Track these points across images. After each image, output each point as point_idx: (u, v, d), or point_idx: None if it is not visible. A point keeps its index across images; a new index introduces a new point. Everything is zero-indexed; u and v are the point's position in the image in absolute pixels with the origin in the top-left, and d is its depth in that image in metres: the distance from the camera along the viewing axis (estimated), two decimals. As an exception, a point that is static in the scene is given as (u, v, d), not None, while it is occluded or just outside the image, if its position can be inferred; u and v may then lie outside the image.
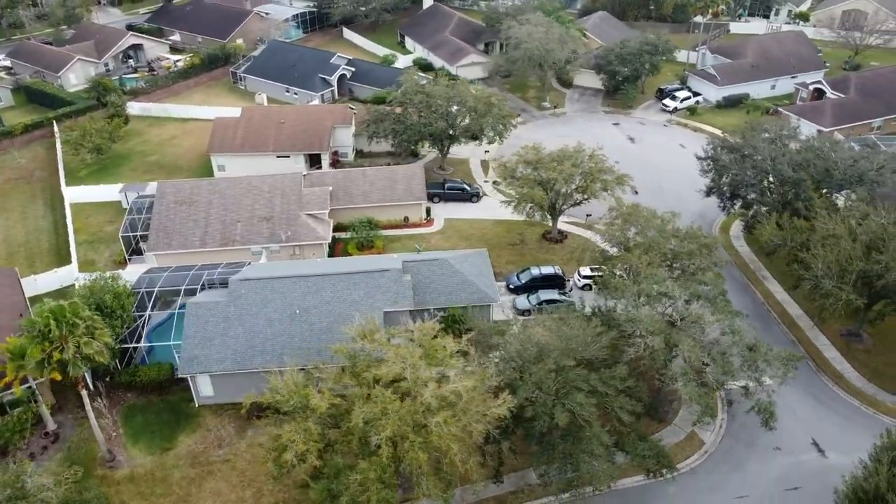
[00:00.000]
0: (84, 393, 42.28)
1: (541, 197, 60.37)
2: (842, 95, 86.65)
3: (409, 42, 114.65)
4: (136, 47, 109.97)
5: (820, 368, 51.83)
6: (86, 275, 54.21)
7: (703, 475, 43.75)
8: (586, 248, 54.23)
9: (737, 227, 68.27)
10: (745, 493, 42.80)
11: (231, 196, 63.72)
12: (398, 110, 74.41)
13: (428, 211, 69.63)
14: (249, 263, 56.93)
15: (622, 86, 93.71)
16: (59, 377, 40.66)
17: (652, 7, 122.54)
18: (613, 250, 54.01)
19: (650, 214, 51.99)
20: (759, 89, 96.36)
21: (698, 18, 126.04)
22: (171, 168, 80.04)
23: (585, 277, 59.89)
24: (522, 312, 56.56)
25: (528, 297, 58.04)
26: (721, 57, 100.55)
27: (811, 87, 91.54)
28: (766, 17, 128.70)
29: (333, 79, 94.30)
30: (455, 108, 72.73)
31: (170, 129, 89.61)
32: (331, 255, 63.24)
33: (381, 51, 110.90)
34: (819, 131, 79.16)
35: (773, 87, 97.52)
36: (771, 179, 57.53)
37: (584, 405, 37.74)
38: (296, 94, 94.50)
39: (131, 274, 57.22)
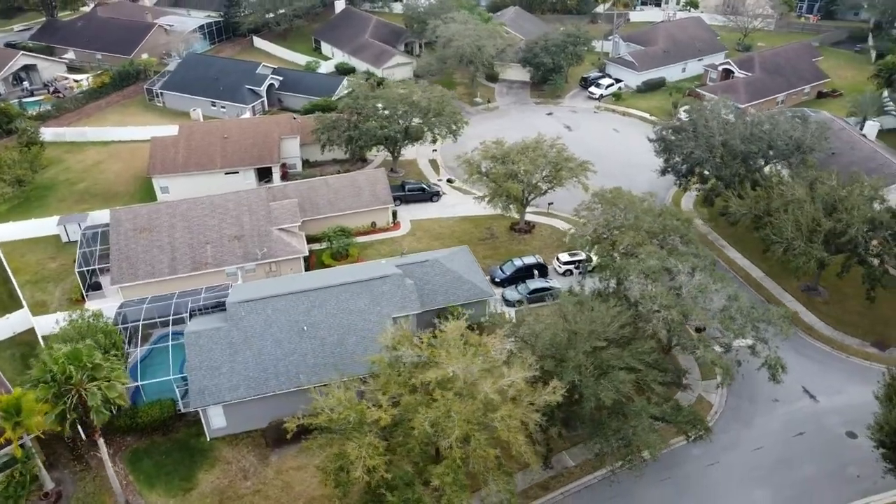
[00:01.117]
0: (101, 441, 39.14)
1: (517, 190, 61.66)
2: (749, 74, 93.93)
3: (325, 47, 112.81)
4: (29, 68, 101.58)
5: (793, 322, 56.36)
6: (63, 315, 49.97)
7: (720, 434, 46.54)
8: (577, 236, 55.78)
9: (686, 200, 72.76)
10: (760, 445, 46.06)
11: (195, 218, 60.63)
12: (352, 116, 73.18)
13: (394, 214, 69.27)
14: (231, 286, 54.58)
15: (550, 76, 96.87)
16: (62, 429, 37.51)
17: (556, 2, 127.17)
18: (591, 234, 55.78)
19: (631, 196, 54.49)
20: (671, 73, 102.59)
21: (599, 9, 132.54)
22: (106, 195, 74.86)
23: (566, 264, 61.88)
24: (512, 304, 57.67)
25: (516, 288, 59.23)
26: (633, 44, 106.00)
27: (720, 68, 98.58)
28: (658, 4, 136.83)
29: (262, 89, 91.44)
30: (403, 110, 72.59)
31: (91, 154, 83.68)
32: (306, 268, 61.62)
33: (298, 58, 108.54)
34: (736, 107, 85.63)
35: (683, 70, 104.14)
36: (723, 153, 61.64)
37: (625, 382, 39.36)
38: (223, 107, 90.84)
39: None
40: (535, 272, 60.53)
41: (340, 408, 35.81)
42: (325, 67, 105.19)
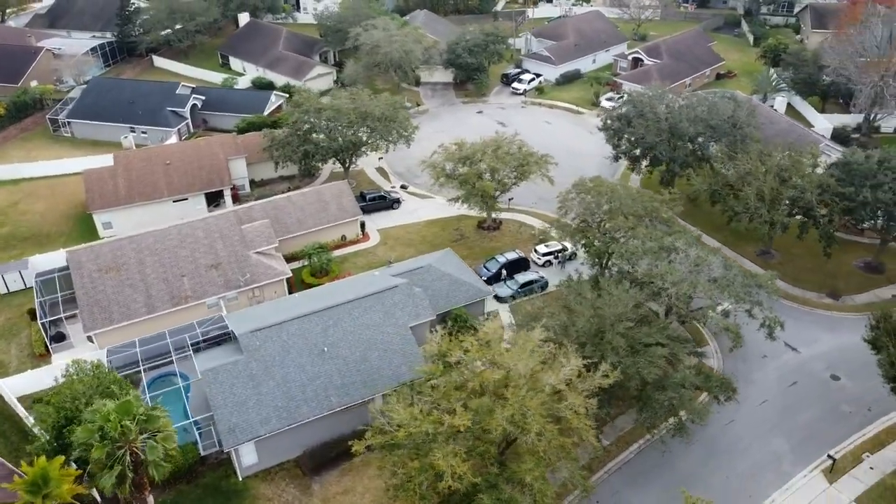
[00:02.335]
0: (150, 498, 36.34)
1: (490, 188, 62.89)
2: (658, 61, 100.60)
3: (235, 62, 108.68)
4: None
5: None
6: (61, 366, 45.52)
7: (728, 394, 50.20)
8: (561, 225, 57.61)
9: (633, 180, 77.15)
10: (765, 399, 50.15)
11: (164, 250, 57.08)
12: (299, 130, 71.36)
13: (362, 226, 68.48)
14: (221, 316, 52.06)
15: (475, 76, 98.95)
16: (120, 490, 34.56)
17: (458, 3, 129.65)
18: (575, 223, 58.05)
19: (611, 183, 57.23)
20: (584, 64, 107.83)
21: (498, 6, 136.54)
22: (38, 238, 68.55)
23: (545, 255, 63.90)
24: (504, 300, 58.93)
25: (505, 283, 60.49)
26: (544, 40, 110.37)
27: (630, 57, 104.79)
28: (550, 1, 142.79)
29: (186, 110, 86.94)
30: (349, 120, 71.65)
31: (2, 196, 76.11)
32: (287, 290, 59.71)
33: (207, 75, 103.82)
34: (627, 91, 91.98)
35: (594, 62, 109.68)
36: (671, 136, 66.01)
37: (661, 357, 41.69)
38: (144, 132, 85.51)
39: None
40: (519, 266, 62.09)
41: (417, 421, 35.39)
42: (241, 83, 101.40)
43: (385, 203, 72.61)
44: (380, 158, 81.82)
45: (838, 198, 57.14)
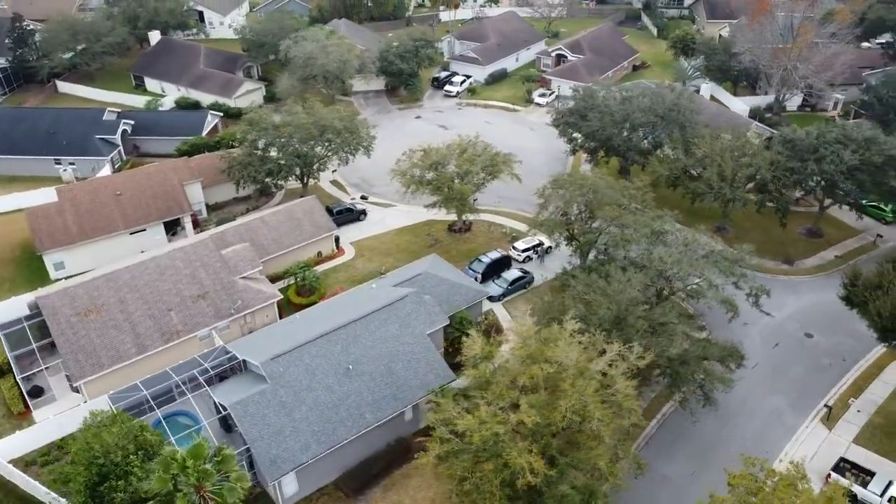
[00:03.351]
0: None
1: (468, 191, 63.86)
2: (581, 56, 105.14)
3: (151, 83, 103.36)
4: None
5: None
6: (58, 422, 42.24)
7: (724, 362, 53.87)
8: (543, 220, 59.29)
9: (585, 164, 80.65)
10: (756, 363, 54.19)
11: (144, 286, 53.93)
12: (254, 149, 69.25)
13: (337, 240, 67.54)
14: (225, 347, 50.05)
15: (409, 81, 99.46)
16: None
17: (372, 6, 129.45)
18: (558, 217, 60.08)
19: (591, 176, 59.64)
20: (509, 63, 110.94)
21: (410, 12, 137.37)
22: (-21, 286, 62.80)
23: (524, 251, 65.62)
24: (497, 298, 60.14)
25: (494, 282, 61.66)
26: (467, 42, 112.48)
27: (554, 54, 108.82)
28: (457, 6, 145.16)
29: (117, 137, 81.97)
30: (302, 135, 70.31)
31: (-78, 246, 68.92)
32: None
33: (123, 99, 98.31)
34: (572, 86, 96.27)
35: (517, 60, 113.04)
36: (628, 127, 69.71)
37: (679, 335, 44.34)
38: (72, 163, 79.95)
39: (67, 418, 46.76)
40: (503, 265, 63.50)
41: (486, 424, 35.84)
42: (167, 104, 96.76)
43: (353, 216, 71.92)
44: (333, 171, 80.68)
45: (787, 172, 62.51)
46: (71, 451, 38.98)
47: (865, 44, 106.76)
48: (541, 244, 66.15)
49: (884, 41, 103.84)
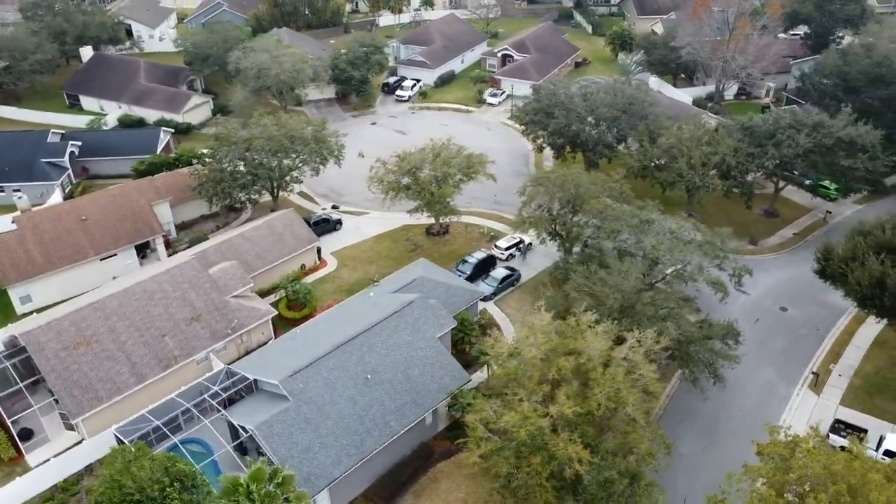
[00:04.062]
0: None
1: (450, 192, 64.43)
2: (527, 55, 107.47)
3: (88, 101, 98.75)
4: None
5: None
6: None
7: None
8: (528, 217, 60.48)
9: (546, 160, 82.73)
10: (743, 338, 56.98)
11: (134, 312, 51.74)
12: (225, 164, 67.50)
13: (319, 252, 66.72)
14: (227, 368, 48.78)
15: (361, 88, 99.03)
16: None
17: (310, 14, 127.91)
18: (543, 214, 61.55)
19: (573, 172, 61.22)
20: (455, 65, 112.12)
21: (350, 14, 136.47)
22: (-63, 329, 58.38)
23: (507, 249, 66.76)
24: (489, 298, 60.97)
25: (484, 282, 62.44)
26: (412, 46, 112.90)
27: (499, 54, 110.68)
28: (392, 10, 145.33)
29: (65, 159, 77.93)
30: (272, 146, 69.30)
31: None
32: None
33: (56, 119, 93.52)
34: (533, 85, 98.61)
35: (462, 62, 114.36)
36: (594, 122, 72.06)
37: (683, 318, 46.47)
38: (17, 191, 75.29)
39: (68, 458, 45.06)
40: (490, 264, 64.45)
41: (529, 419, 36.55)
42: (111, 122, 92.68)
43: (329, 226, 71.17)
44: (299, 183, 79.38)
45: (749, 157, 66.26)
46: (96, 490, 37.18)
47: (782, 35, 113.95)
48: (521, 241, 67.49)
49: (800, 33, 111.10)
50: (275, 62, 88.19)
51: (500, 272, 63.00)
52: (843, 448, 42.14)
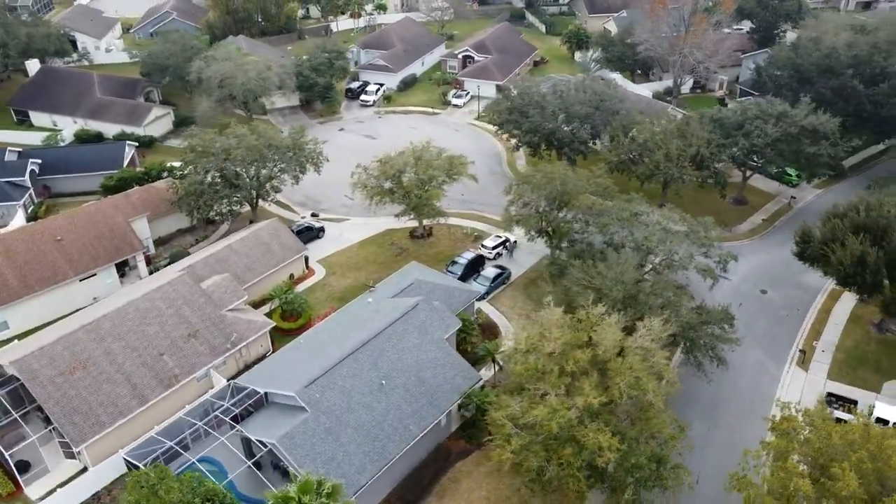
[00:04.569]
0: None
1: (438, 194, 64.73)
2: (488, 56, 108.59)
3: (39, 117, 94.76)
4: None
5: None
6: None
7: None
8: (519, 215, 61.31)
9: (518, 159, 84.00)
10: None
11: (129, 332, 50.13)
12: (203, 174, 66.04)
13: (306, 260, 66.01)
14: (233, 383, 47.90)
15: (327, 94, 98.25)
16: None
17: (263, 21, 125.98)
18: (532, 211, 62.42)
19: (561, 170, 62.25)
20: (415, 68, 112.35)
21: (301, 20, 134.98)
22: None
23: (494, 248, 67.49)
24: (483, 297, 61.54)
25: (476, 281, 62.93)
26: (372, 50, 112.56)
27: (460, 56, 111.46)
28: (344, 13, 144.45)
29: (26, 178, 74.73)
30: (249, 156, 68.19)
31: None
32: (263, 342, 56.05)
33: (5, 136, 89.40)
34: (498, 85, 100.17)
35: (422, 64, 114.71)
36: (568, 119, 73.57)
37: (683, 305, 48.17)
38: (-26, 213, 72.04)
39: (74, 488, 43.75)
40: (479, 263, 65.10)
41: (559, 412, 37.23)
42: (67, 137, 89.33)
43: (313, 234, 70.46)
44: (279, 192, 78.21)
45: (720, 148, 68.90)
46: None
47: (726, 29, 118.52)
48: (507, 240, 68.36)
49: (745, 28, 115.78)
50: (240, 70, 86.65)
51: (491, 271, 63.65)
52: (838, 420, 44.53)
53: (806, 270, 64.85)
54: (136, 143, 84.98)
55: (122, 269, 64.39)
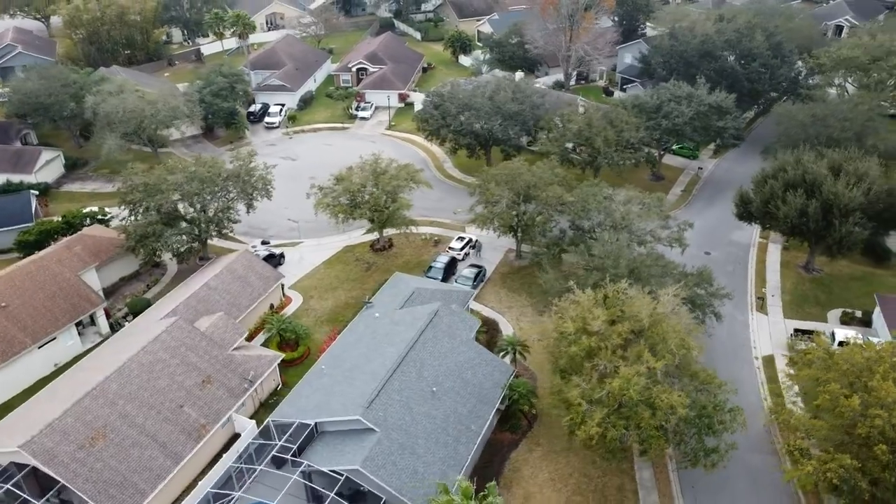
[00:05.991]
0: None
1: (406, 203, 65.35)
2: (382, 67, 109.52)
3: None
4: None
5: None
6: None
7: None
8: (490, 213, 63.50)
9: (444, 162, 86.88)
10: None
11: (140, 390, 46.23)
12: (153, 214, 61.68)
13: (282, 288, 63.83)
14: (270, 421, 45.98)
15: (233, 119, 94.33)
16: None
17: (128, 50, 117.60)
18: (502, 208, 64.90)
19: (523, 165, 65.14)
20: (309, 85, 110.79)
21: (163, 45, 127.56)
22: None
23: (462, 249, 69.23)
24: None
25: (457, 282, 64.33)
26: (261, 71, 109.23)
27: (354, 68, 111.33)
28: (206, 35, 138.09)
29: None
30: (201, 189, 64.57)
31: None
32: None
33: None
34: (399, 94, 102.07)
35: (315, 81, 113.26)
36: (503, 117, 77.10)
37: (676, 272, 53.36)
38: None
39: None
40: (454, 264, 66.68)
41: (635, 380, 40.03)
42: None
43: (275, 261, 68.03)
44: (237, 222, 74.14)
45: (647, 130, 75.74)
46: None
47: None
48: (471, 240, 70.45)
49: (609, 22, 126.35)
50: (145, 103, 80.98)
51: (469, 270, 65.38)
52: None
53: (733, 229, 73.63)
54: (37, 193, 76.72)
55: (77, 328, 58.50)
